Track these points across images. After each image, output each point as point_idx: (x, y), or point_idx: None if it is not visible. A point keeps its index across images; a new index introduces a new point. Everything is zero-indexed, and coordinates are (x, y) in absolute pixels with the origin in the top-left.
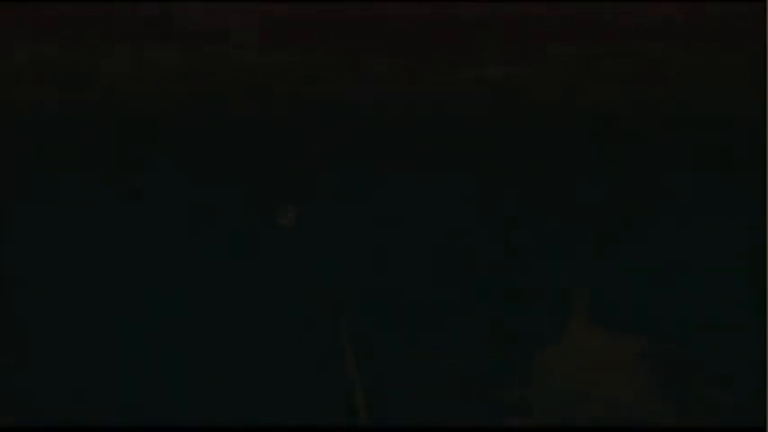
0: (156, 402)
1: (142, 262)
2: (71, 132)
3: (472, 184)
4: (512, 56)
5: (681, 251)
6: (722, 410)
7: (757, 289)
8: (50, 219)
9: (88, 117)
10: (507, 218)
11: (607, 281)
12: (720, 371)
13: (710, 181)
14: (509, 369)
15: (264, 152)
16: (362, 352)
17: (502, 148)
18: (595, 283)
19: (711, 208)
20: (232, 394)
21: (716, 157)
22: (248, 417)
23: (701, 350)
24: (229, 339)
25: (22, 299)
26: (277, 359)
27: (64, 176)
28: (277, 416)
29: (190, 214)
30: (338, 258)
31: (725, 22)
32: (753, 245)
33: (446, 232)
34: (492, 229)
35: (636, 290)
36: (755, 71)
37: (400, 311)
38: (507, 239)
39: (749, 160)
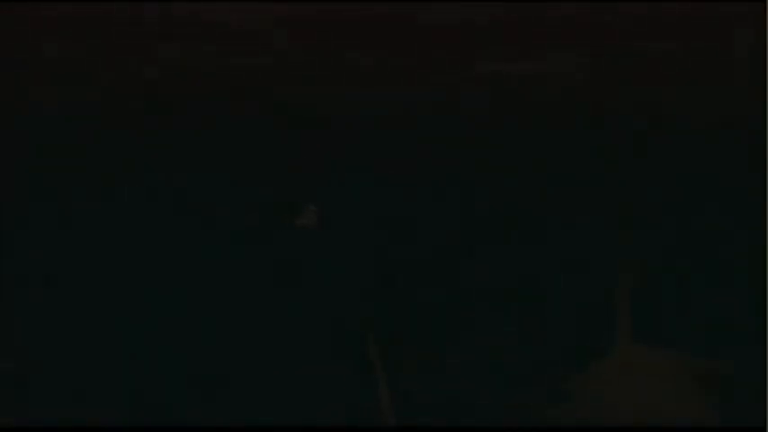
0: (180, 406)
1: (154, 263)
2: (71, 132)
3: (498, 183)
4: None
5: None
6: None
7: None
8: (52, 220)
9: (88, 117)
10: (541, 223)
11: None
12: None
13: (720, 183)
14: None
15: (272, 154)
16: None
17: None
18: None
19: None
20: (251, 397)
21: (718, 158)
22: (269, 418)
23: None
24: (246, 342)
25: (40, 300)
26: (302, 361)
27: (64, 177)
28: (300, 418)
29: (202, 215)
30: (360, 261)
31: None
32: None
33: (476, 237)
34: (524, 235)
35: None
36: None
37: (430, 322)
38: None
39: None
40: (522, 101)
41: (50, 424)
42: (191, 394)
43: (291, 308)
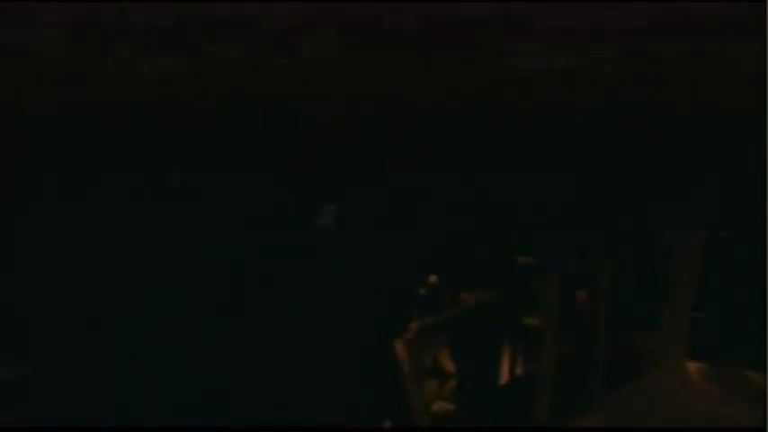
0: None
1: (166, 263)
2: (72, 132)
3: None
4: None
5: None
6: None
7: None
8: (53, 219)
9: (88, 117)
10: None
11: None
12: None
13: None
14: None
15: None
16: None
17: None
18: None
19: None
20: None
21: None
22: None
23: None
24: (264, 343)
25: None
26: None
27: (66, 177)
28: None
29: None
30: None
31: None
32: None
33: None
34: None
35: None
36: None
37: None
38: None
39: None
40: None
41: (50, 424)
42: (200, 395)
43: (318, 309)
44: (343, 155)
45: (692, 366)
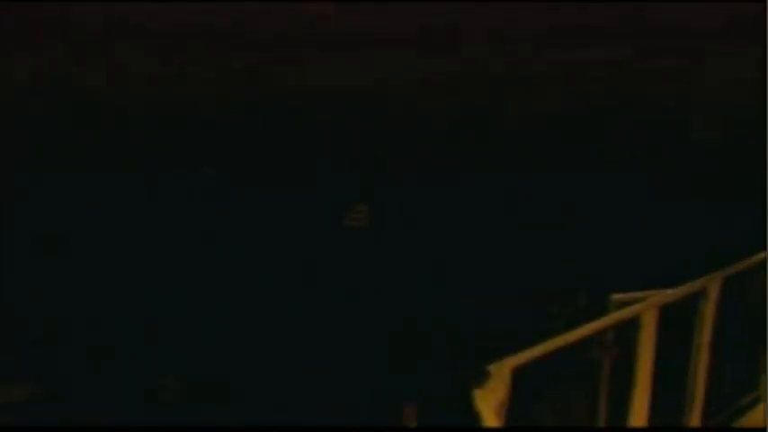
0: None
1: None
2: (71, 132)
3: None
4: None
5: None
6: None
7: None
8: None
9: (88, 117)
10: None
11: None
12: None
13: None
14: None
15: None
16: None
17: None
18: None
19: None
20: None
21: None
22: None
23: None
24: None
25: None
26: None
27: (67, 176)
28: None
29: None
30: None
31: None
32: None
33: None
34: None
35: None
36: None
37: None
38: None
39: None
40: None
41: (50, 424)
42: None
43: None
44: None
45: None
